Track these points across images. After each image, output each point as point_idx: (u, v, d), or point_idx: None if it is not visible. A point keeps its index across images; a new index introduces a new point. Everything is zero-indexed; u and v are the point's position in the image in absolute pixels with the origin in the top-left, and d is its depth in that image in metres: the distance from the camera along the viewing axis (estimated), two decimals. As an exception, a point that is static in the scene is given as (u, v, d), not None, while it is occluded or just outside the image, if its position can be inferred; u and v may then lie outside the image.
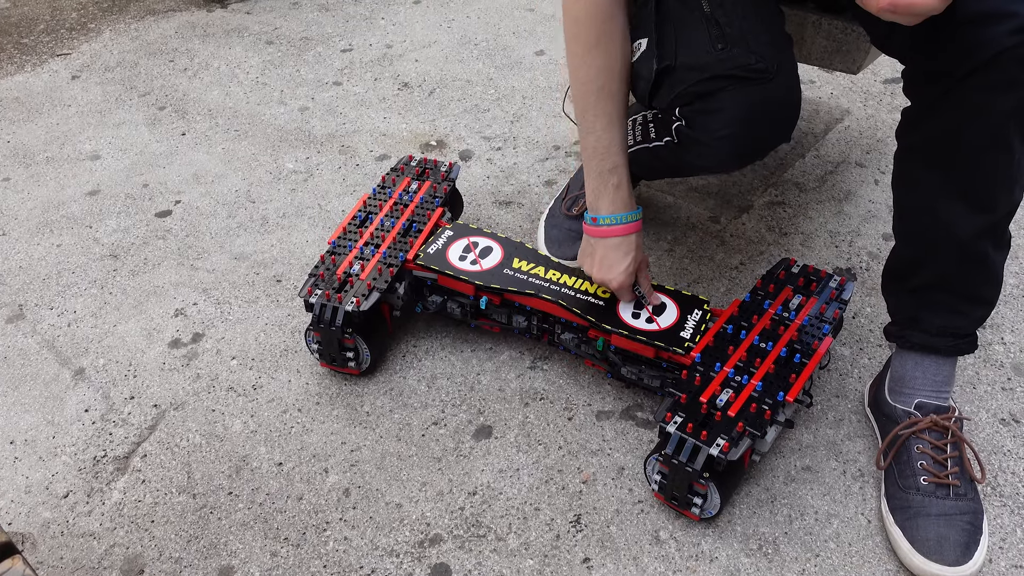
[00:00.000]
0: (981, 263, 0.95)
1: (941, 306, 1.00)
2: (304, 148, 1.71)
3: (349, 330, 1.12)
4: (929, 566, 0.92)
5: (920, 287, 1.00)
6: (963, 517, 0.94)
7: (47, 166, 1.68)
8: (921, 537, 0.94)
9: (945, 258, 0.96)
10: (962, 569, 0.92)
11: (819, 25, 1.19)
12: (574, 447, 1.10)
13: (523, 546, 0.99)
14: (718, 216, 1.48)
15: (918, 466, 0.98)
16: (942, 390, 1.02)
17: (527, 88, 1.88)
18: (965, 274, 0.97)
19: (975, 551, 0.93)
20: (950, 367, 1.03)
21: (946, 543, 0.92)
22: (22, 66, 2.04)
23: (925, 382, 1.02)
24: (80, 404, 1.18)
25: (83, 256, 1.44)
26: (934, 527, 0.94)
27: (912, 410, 1.02)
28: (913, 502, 0.96)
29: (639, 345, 1.07)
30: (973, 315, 1.00)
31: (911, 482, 0.98)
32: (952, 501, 0.95)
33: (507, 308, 1.17)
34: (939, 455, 0.98)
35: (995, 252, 0.96)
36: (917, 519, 0.95)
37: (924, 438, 0.99)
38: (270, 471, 1.08)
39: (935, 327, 1.01)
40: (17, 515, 1.04)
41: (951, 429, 0.99)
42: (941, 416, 1.00)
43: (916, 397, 1.02)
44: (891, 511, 0.98)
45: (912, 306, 1.03)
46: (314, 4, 2.30)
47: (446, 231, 1.25)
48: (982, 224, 0.92)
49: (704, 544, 0.98)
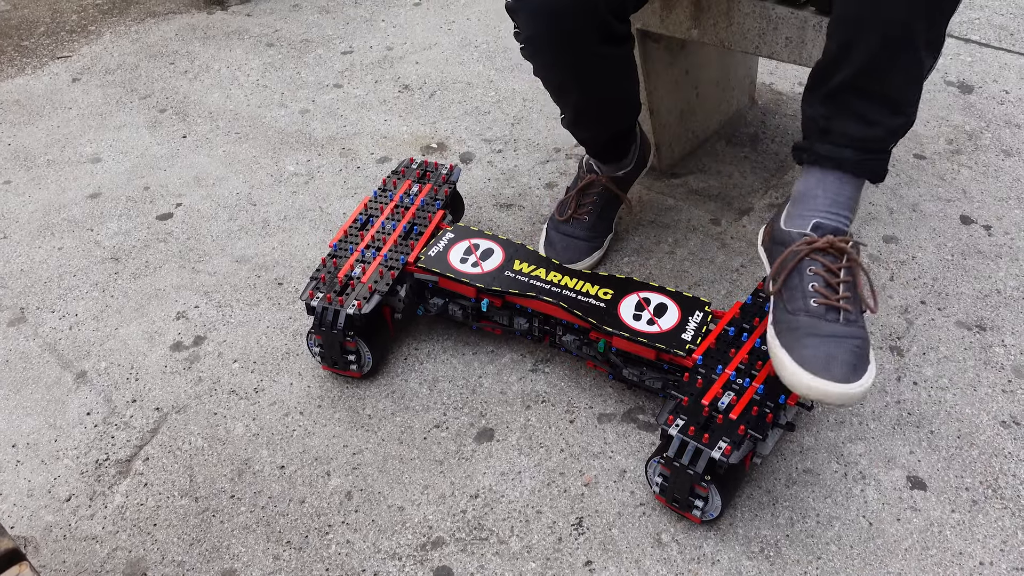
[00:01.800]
0: (906, 52, 0.90)
1: (853, 114, 0.95)
2: (305, 151, 1.71)
3: (351, 333, 1.13)
4: (817, 382, 0.87)
5: (835, 89, 0.95)
6: (852, 341, 0.90)
7: (48, 169, 1.68)
8: (809, 355, 0.89)
9: (868, 45, 0.90)
10: (850, 387, 0.87)
11: (819, 28, 1.19)
12: (576, 450, 1.10)
13: (525, 549, 0.99)
14: (719, 218, 1.48)
15: (809, 288, 0.93)
16: (843, 213, 0.97)
17: (528, 90, 1.88)
18: (887, 64, 0.91)
19: (863, 375, 0.88)
20: (854, 188, 0.98)
21: (834, 362, 0.88)
22: (22, 69, 2.04)
23: (825, 201, 0.97)
24: (82, 407, 1.18)
25: (84, 259, 1.45)
26: (823, 346, 0.89)
27: (808, 231, 0.97)
28: (802, 323, 0.92)
29: (640, 347, 1.07)
30: (885, 124, 0.95)
31: (800, 304, 0.93)
32: (842, 325, 0.91)
33: (508, 310, 1.18)
34: (832, 278, 0.93)
35: (924, 49, 0.91)
36: (805, 339, 0.90)
37: (818, 259, 0.94)
38: (272, 474, 1.08)
39: (845, 137, 0.96)
40: (20, 519, 1.04)
41: (847, 252, 0.94)
42: (839, 238, 0.95)
43: (814, 218, 0.97)
44: (777, 335, 0.93)
45: (824, 115, 0.98)
46: (314, 6, 2.30)
47: (447, 233, 1.25)
48: (915, 6, 0.87)
49: (706, 547, 0.98)
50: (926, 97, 1.79)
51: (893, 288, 1.32)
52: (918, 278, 1.34)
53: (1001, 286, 1.32)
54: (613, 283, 1.15)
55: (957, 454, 1.08)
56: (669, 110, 1.54)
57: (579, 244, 1.34)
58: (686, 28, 1.29)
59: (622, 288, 1.14)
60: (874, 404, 1.14)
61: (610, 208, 1.39)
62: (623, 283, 1.15)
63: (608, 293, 1.13)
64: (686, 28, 1.29)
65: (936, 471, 1.06)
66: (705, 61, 1.57)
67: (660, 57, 1.45)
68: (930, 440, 1.10)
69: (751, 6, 1.20)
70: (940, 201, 1.50)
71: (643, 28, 1.36)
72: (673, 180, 1.58)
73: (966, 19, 2.08)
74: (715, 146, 1.67)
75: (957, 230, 1.44)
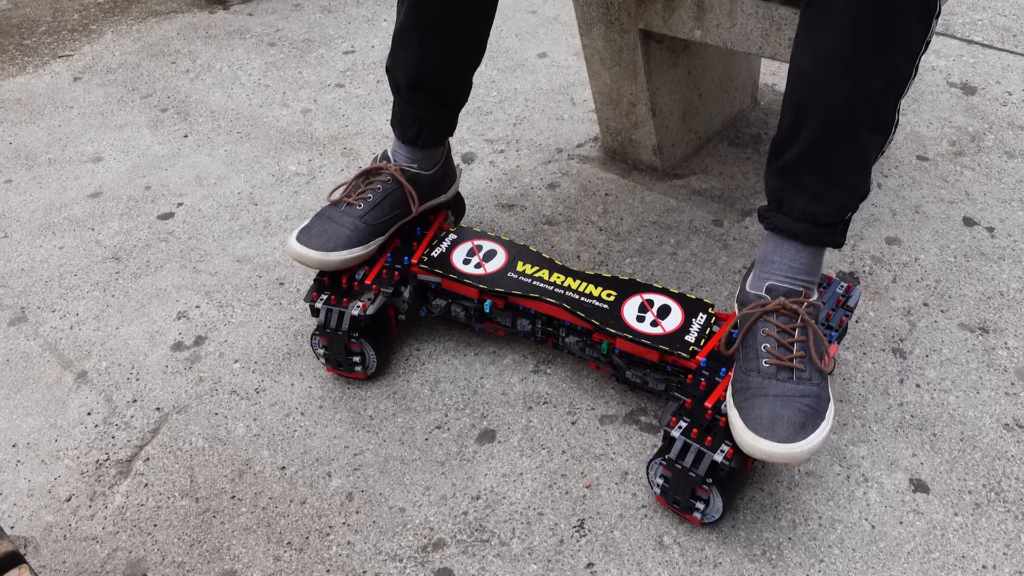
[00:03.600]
0: (848, 138, 0.92)
1: (803, 188, 0.97)
2: (307, 150, 1.71)
3: (355, 335, 1.12)
4: (758, 442, 0.87)
5: (787, 164, 0.97)
6: (803, 400, 0.90)
7: (49, 168, 1.68)
8: (755, 416, 0.89)
9: (813, 127, 0.92)
10: (791, 447, 0.86)
11: (823, 29, 1.19)
12: (577, 451, 1.10)
13: (527, 551, 0.99)
14: (721, 220, 1.48)
15: (761, 348, 0.95)
16: (797, 277, 0.99)
17: (530, 90, 1.88)
18: (830, 147, 0.93)
19: (811, 434, 0.88)
20: (809, 255, 1.00)
21: (779, 422, 0.88)
22: (24, 67, 2.04)
23: (781, 266, 1.00)
24: (82, 407, 1.18)
25: (85, 258, 1.44)
26: (769, 406, 0.89)
27: (763, 293, 0.99)
28: (752, 384, 0.92)
29: (644, 349, 1.07)
30: (832, 201, 0.97)
31: (753, 364, 0.94)
32: (793, 384, 0.91)
33: (511, 312, 1.17)
34: (784, 338, 0.94)
35: (869, 132, 0.93)
36: (754, 399, 0.91)
37: (771, 320, 0.96)
38: (273, 475, 1.08)
39: (796, 211, 0.98)
40: (20, 519, 1.04)
41: (801, 314, 0.95)
42: (791, 299, 0.97)
43: (768, 281, 1.00)
44: (732, 395, 0.94)
45: (779, 187, 1.00)
46: (316, 6, 2.30)
47: (450, 234, 1.24)
48: (855, 93, 0.89)
49: (708, 549, 0.98)
50: (929, 99, 1.78)
51: (896, 290, 1.32)
52: (921, 280, 1.34)
53: (1004, 288, 1.32)
54: (616, 284, 1.15)
55: (960, 457, 1.08)
56: (671, 111, 1.53)
57: (340, 231, 1.15)
58: (689, 28, 1.29)
59: (625, 289, 1.14)
60: (876, 407, 1.14)
61: (394, 207, 1.21)
62: (626, 284, 1.15)
63: (611, 295, 1.13)
64: (689, 28, 1.29)
65: (939, 474, 1.06)
66: (708, 62, 1.56)
67: (663, 57, 1.45)
68: (933, 443, 1.09)
69: (754, 7, 1.20)
70: (943, 203, 1.50)
71: (646, 28, 1.36)
72: (675, 181, 1.58)
73: (969, 20, 2.08)
74: (718, 147, 1.67)
75: (960, 232, 1.43)
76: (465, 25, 1.15)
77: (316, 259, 1.13)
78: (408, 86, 1.18)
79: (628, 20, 1.37)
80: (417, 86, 1.18)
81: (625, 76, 1.46)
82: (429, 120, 1.21)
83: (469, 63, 1.21)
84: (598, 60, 1.48)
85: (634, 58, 1.42)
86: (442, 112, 1.22)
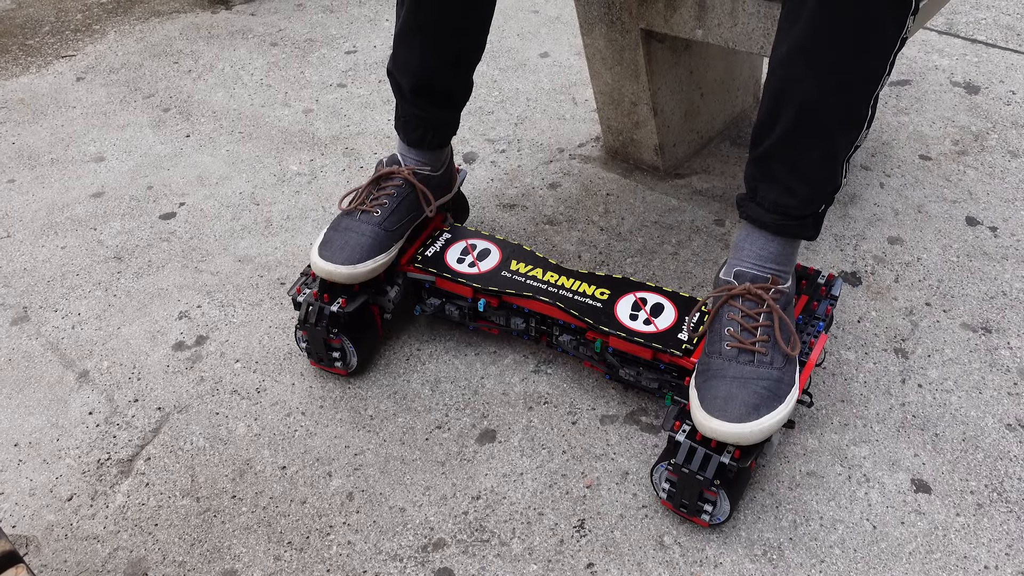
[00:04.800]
0: (819, 130, 0.93)
1: (776, 181, 0.98)
2: (308, 150, 1.71)
3: (335, 330, 1.12)
4: (709, 421, 0.89)
5: (763, 155, 0.99)
6: (760, 382, 0.91)
7: (52, 168, 1.68)
8: (710, 396, 0.91)
9: (786, 118, 0.93)
10: (739, 427, 0.88)
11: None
12: (578, 451, 1.10)
13: (527, 551, 0.99)
14: (723, 219, 1.47)
15: (725, 332, 0.96)
16: (766, 265, 1.01)
17: (531, 90, 1.88)
18: (801, 139, 0.94)
19: (764, 415, 0.89)
20: (779, 245, 1.01)
21: (732, 402, 0.89)
22: (27, 67, 2.04)
23: (750, 254, 1.01)
24: (84, 407, 1.18)
25: (87, 258, 1.45)
26: (725, 387, 0.91)
27: (731, 279, 1.00)
28: (712, 366, 0.94)
29: (637, 347, 1.06)
30: (801, 195, 0.98)
31: (716, 347, 0.95)
32: (752, 367, 0.93)
33: (505, 310, 1.17)
34: (748, 323, 0.96)
35: (840, 125, 0.93)
36: (712, 380, 0.93)
37: (735, 305, 0.97)
38: (274, 475, 1.08)
39: (768, 202, 1.00)
40: (21, 518, 1.04)
41: (766, 300, 0.96)
42: (756, 285, 0.98)
43: (737, 267, 1.01)
44: (695, 376, 0.96)
45: (754, 176, 1.01)
46: (318, 6, 2.30)
47: (444, 233, 1.24)
48: (826, 85, 0.89)
49: (709, 549, 0.98)
50: (932, 98, 1.78)
51: (898, 290, 1.32)
52: (923, 279, 1.34)
53: (1007, 288, 1.32)
54: (610, 283, 1.15)
55: (962, 457, 1.07)
56: (673, 110, 1.53)
57: (362, 241, 1.13)
58: (690, 28, 1.29)
59: (618, 288, 1.14)
60: (878, 406, 1.14)
61: (409, 210, 1.20)
62: (620, 283, 1.15)
63: (605, 293, 1.13)
64: (690, 28, 1.29)
65: (941, 474, 1.05)
66: (709, 61, 1.56)
67: (664, 57, 1.44)
68: (935, 443, 1.09)
69: (755, 6, 1.19)
70: (946, 202, 1.50)
71: (647, 28, 1.36)
72: (677, 180, 1.58)
73: (972, 19, 2.07)
74: (719, 146, 1.67)
75: (963, 231, 1.43)
76: (464, 26, 1.15)
77: (345, 274, 1.11)
78: (411, 89, 1.18)
79: (630, 20, 1.37)
80: (420, 88, 1.18)
81: (627, 76, 1.46)
82: (433, 121, 1.21)
83: (470, 63, 1.21)
84: (600, 60, 1.48)
85: (636, 58, 1.42)
86: (445, 113, 1.22)
